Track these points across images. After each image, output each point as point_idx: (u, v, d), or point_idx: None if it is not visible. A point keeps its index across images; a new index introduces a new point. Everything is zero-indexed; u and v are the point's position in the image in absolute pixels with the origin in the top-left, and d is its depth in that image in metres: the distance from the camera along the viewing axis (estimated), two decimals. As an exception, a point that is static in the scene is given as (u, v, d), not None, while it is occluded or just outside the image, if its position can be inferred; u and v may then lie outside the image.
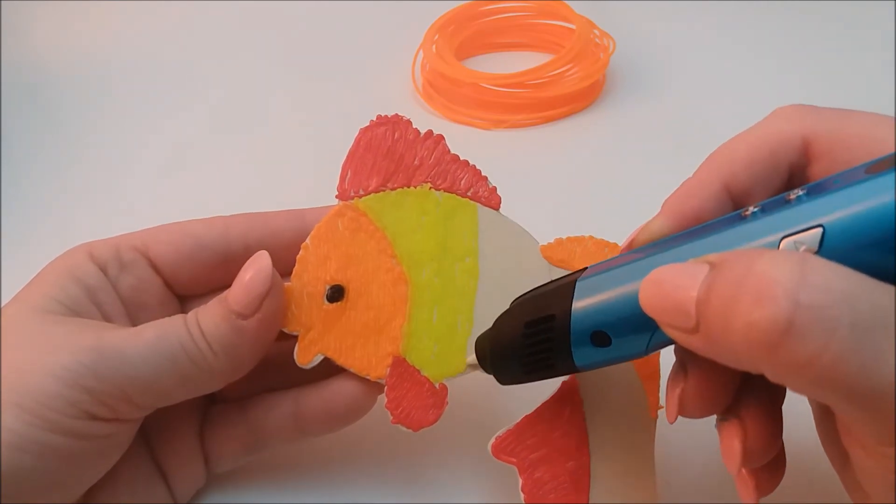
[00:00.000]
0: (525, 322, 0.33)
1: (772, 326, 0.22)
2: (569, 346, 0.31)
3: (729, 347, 0.24)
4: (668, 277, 0.26)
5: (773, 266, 0.23)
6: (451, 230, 0.38)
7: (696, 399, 0.30)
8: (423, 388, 0.37)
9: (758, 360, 0.23)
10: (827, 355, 0.22)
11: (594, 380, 0.38)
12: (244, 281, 0.35)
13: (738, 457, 0.29)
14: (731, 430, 0.30)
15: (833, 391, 0.23)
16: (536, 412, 0.37)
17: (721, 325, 0.24)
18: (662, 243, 0.30)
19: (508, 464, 0.36)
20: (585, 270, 0.31)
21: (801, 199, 0.26)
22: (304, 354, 0.37)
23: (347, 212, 0.37)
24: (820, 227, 0.25)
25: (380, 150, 0.38)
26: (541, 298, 0.33)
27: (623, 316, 0.29)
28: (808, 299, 0.22)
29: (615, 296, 0.29)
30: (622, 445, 0.37)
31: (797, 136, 0.31)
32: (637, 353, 0.30)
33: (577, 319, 0.30)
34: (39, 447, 0.32)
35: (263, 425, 0.39)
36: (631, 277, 0.29)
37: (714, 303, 0.24)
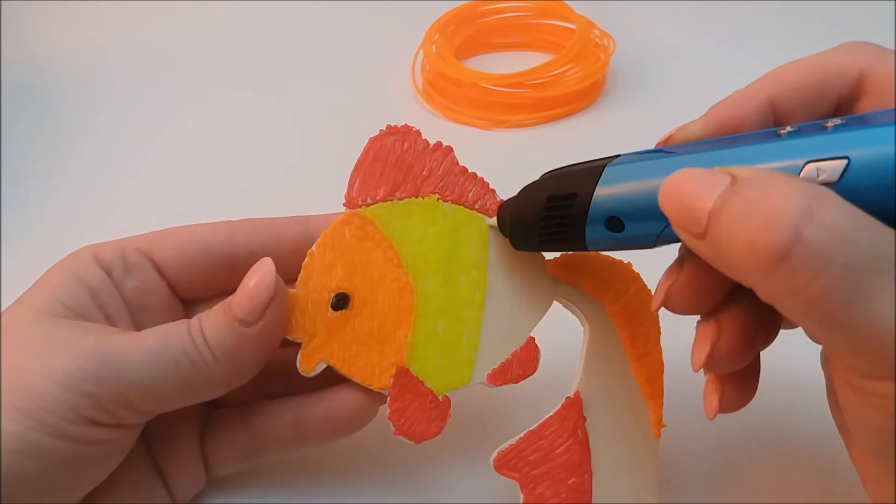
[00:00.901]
0: (549, 196, 0.34)
1: (770, 251, 0.23)
2: (584, 226, 0.32)
3: (729, 259, 0.25)
4: (689, 181, 0.27)
5: (786, 194, 0.24)
6: (458, 242, 0.38)
7: (684, 292, 0.31)
8: (425, 400, 0.37)
9: (752, 278, 0.25)
10: (815, 287, 0.23)
11: (598, 396, 0.37)
12: (248, 287, 0.34)
13: (703, 356, 0.31)
14: (706, 330, 0.31)
15: (819, 320, 0.24)
16: (539, 427, 0.37)
17: (726, 238, 0.25)
18: (695, 145, 0.31)
19: (510, 479, 0.36)
20: (617, 157, 0.32)
21: (837, 128, 0.27)
22: (307, 362, 0.36)
23: (354, 220, 0.37)
24: (845, 159, 0.25)
25: (389, 160, 0.38)
26: (568, 176, 0.33)
27: (640, 207, 0.30)
28: (810, 233, 0.23)
29: (637, 188, 0.30)
30: (624, 463, 0.37)
31: (853, 69, 0.32)
32: (646, 242, 0.31)
33: (597, 203, 0.31)
34: (39, 451, 0.31)
35: (264, 432, 0.39)
36: (656, 172, 0.29)
37: (725, 217, 0.25)
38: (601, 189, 0.31)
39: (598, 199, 0.31)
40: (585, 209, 0.32)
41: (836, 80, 0.32)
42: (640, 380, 0.38)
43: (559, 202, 0.33)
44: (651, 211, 0.29)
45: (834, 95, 0.32)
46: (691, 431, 0.37)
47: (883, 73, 0.31)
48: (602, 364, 0.38)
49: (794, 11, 0.83)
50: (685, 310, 0.32)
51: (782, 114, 0.33)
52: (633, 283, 0.39)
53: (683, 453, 0.42)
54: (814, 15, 0.82)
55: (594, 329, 0.38)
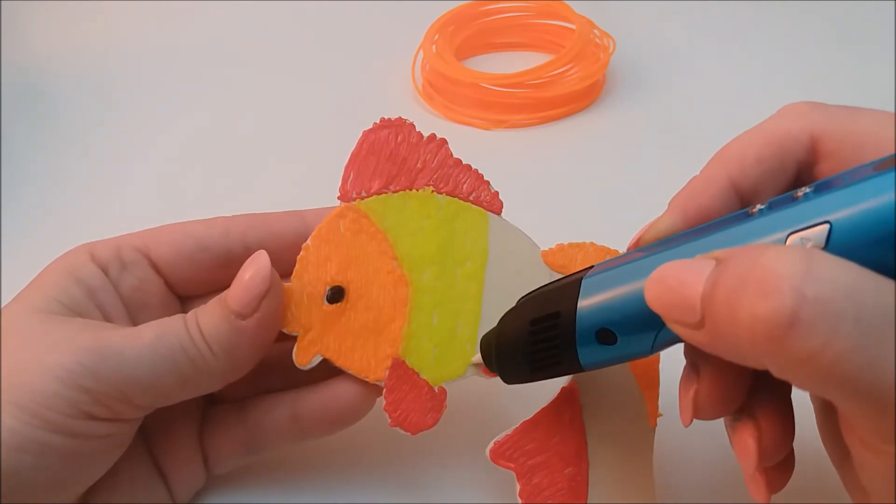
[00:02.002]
0: (531, 319, 0.32)
1: (776, 319, 0.22)
2: (574, 344, 0.31)
3: (734, 342, 0.24)
4: (673, 273, 0.26)
5: (778, 259, 0.23)
6: (453, 234, 0.38)
7: (710, 400, 0.30)
8: (421, 391, 0.37)
9: (762, 355, 0.23)
10: (831, 350, 0.22)
11: (594, 386, 0.37)
12: (243, 281, 0.34)
13: (754, 456, 0.29)
14: (746, 429, 0.30)
15: (836, 386, 0.22)
16: (535, 417, 0.37)
17: (726, 318, 0.24)
18: (669, 241, 0.30)
19: (506, 469, 0.36)
20: (591, 269, 0.31)
21: (808, 196, 0.26)
22: (303, 355, 0.37)
23: (349, 213, 0.37)
24: (827, 224, 0.25)
25: (383, 153, 0.38)
26: (546, 296, 0.33)
27: (628, 313, 0.29)
28: (814, 293, 0.22)
29: (621, 293, 0.29)
30: (621, 453, 0.37)
31: (805, 134, 0.31)
32: (642, 352, 0.30)
33: (582, 317, 0.30)
34: (38, 447, 0.32)
35: (262, 426, 0.39)
36: (637, 274, 0.28)
37: (719, 297, 0.24)
38: (584, 301, 0.30)
39: (584, 313, 0.30)
40: (572, 326, 0.30)
41: (791, 149, 0.31)
42: (636, 370, 0.38)
43: (543, 324, 0.32)
44: (641, 314, 0.28)
45: (792, 164, 0.32)
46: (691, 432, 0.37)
47: (833, 134, 0.31)
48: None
49: (794, 11, 0.83)
50: (716, 415, 0.30)
51: (746, 193, 0.32)
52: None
53: (683, 454, 0.42)
54: (814, 15, 0.82)
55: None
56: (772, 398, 0.30)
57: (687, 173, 0.34)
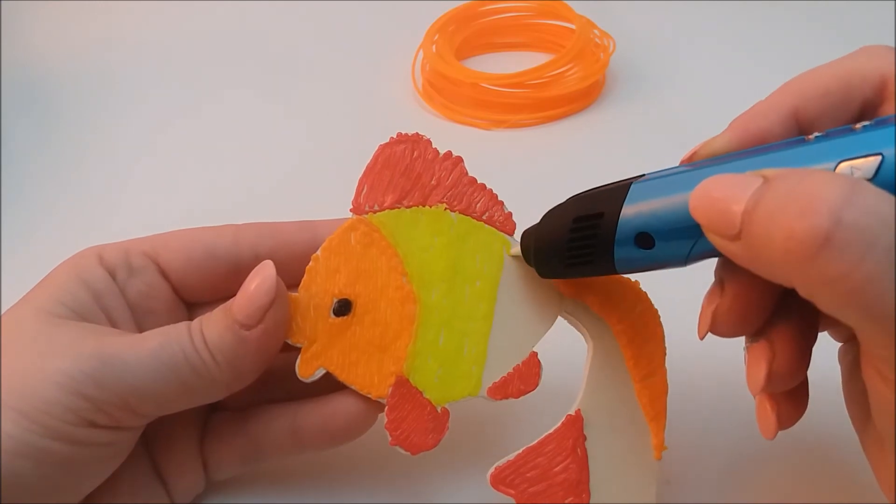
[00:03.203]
0: (574, 217, 0.33)
1: (810, 238, 0.23)
2: (612, 245, 0.31)
3: (767, 256, 0.25)
4: (720, 185, 0.26)
5: (823, 183, 0.23)
6: (464, 252, 0.38)
7: (730, 314, 0.31)
8: (424, 411, 0.37)
9: (792, 272, 0.24)
10: (858, 273, 0.22)
11: (600, 416, 0.37)
12: (248, 291, 0.34)
13: (762, 378, 0.30)
14: (759, 350, 0.31)
15: (859, 310, 0.23)
16: (538, 444, 0.36)
17: (763, 233, 0.25)
18: (722, 158, 0.31)
19: (507, 495, 0.36)
20: (643, 176, 0.32)
21: (866, 129, 0.26)
22: (306, 368, 0.36)
23: (361, 226, 0.37)
24: (878, 155, 0.25)
25: (398, 168, 0.37)
26: (593, 197, 0.33)
27: (670, 220, 0.29)
28: (850, 218, 0.22)
29: (666, 201, 0.30)
30: (623, 485, 0.37)
31: (876, 74, 0.31)
32: (677, 260, 0.30)
33: (625, 219, 0.31)
34: (38, 453, 0.31)
35: (262, 437, 0.38)
36: (684, 185, 0.29)
37: (760, 212, 0.25)
38: (629, 207, 0.31)
39: (626, 217, 0.31)
40: (613, 228, 0.31)
41: (859, 86, 0.32)
42: (642, 401, 0.38)
43: (585, 223, 0.32)
44: (682, 223, 0.29)
45: (858, 101, 0.32)
46: (691, 432, 0.37)
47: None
48: (605, 383, 0.38)
49: (793, 12, 0.83)
50: (733, 332, 0.31)
51: (806, 123, 0.32)
52: (640, 302, 0.38)
53: (683, 453, 0.41)
54: (814, 15, 0.82)
55: (598, 347, 0.38)
56: (791, 325, 0.31)
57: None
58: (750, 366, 0.31)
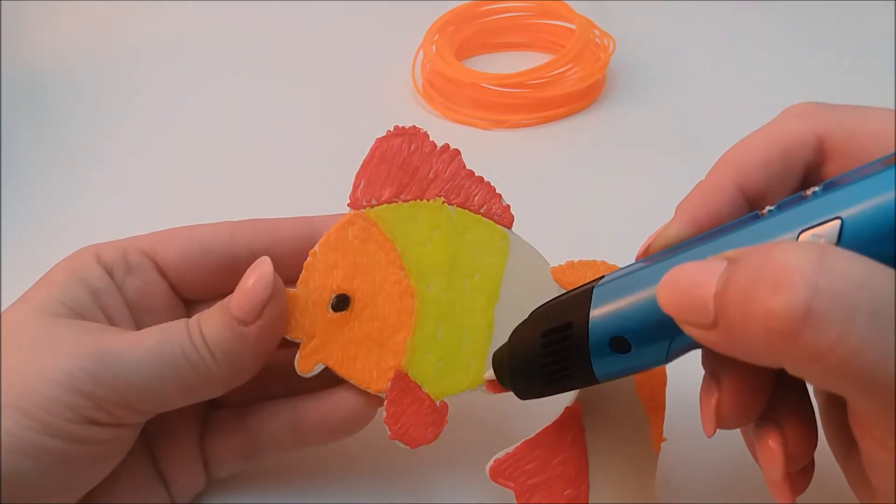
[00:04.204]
0: (543, 332, 0.32)
1: (790, 313, 0.22)
2: (588, 355, 0.30)
3: (748, 340, 0.24)
4: (685, 274, 0.26)
5: (790, 253, 0.23)
6: (463, 246, 0.38)
7: (733, 408, 0.29)
8: (423, 405, 0.37)
9: (777, 351, 0.23)
10: (846, 344, 0.21)
11: (598, 408, 0.37)
12: (246, 287, 0.34)
13: (781, 463, 0.29)
14: (771, 436, 0.29)
15: (851, 382, 0.22)
16: (537, 437, 0.36)
17: (739, 316, 0.23)
18: (678, 248, 0.30)
19: (506, 488, 0.36)
20: (602, 278, 0.31)
21: (817, 195, 0.26)
22: (305, 363, 0.36)
23: (358, 221, 0.37)
24: (838, 220, 0.24)
25: (395, 161, 0.37)
26: (558, 307, 0.32)
27: (641, 320, 0.28)
28: (827, 285, 0.21)
29: (633, 300, 0.29)
30: (622, 477, 0.37)
31: (811, 135, 0.31)
32: (657, 361, 0.29)
33: (595, 326, 0.30)
34: (38, 451, 0.31)
35: (262, 433, 0.39)
36: (648, 280, 0.28)
37: (732, 294, 0.24)
38: (596, 311, 0.30)
39: (596, 321, 0.30)
40: (585, 335, 0.30)
41: (798, 152, 0.31)
42: (641, 393, 0.37)
43: (556, 335, 0.31)
44: (654, 320, 0.28)
45: (799, 166, 0.31)
46: (691, 431, 0.37)
47: (839, 134, 0.31)
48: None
49: (793, 12, 0.82)
50: (740, 424, 0.30)
51: (754, 197, 0.31)
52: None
53: (683, 453, 0.41)
54: (814, 15, 0.82)
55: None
56: (794, 402, 0.30)
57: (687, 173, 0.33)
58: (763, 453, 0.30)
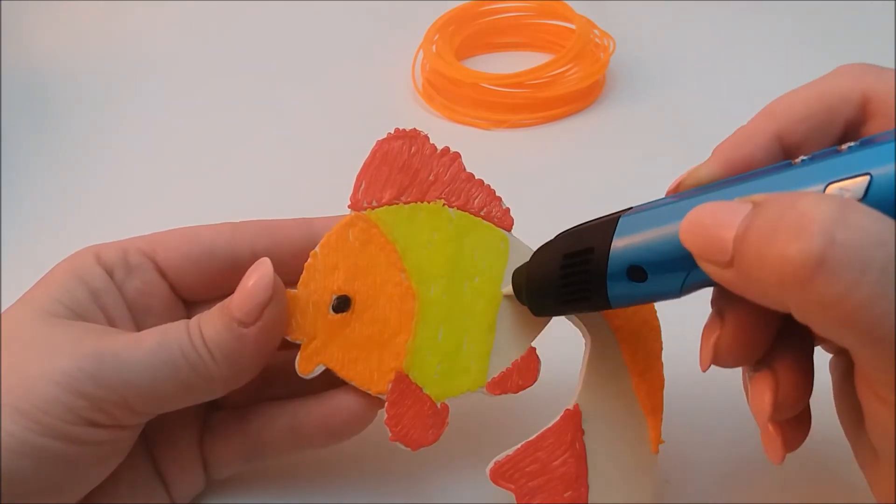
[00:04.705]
0: (564, 254, 0.33)
1: (804, 260, 0.22)
2: (605, 280, 0.31)
3: (761, 282, 0.24)
4: (709, 212, 0.26)
5: (814, 204, 0.23)
6: (463, 248, 0.38)
7: (731, 346, 0.30)
8: (424, 407, 0.37)
9: (787, 296, 0.24)
10: (855, 295, 0.22)
11: (597, 410, 0.37)
12: (246, 288, 0.34)
13: (768, 409, 0.30)
14: (763, 381, 0.30)
15: (856, 333, 0.23)
16: (537, 439, 0.37)
17: (756, 258, 0.24)
18: (708, 188, 0.30)
19: (506, 490, 0.36)
20: (629, 209, 0.31)
21: (852, 149, 0.26)
22: (306, 364, 0.36)
23: (359, 222, 0.37)
24: (867, 176, 0.25)
25: (395, 164, 0.37)
26: (582, 232, 0.33)
27: (662, 251, 0.29)
28: (844, 238, 0.22)
29: (656, 232, 0.29)
30: (622, 479, 0.37)
31: (857, 92, 0.31)
32: (671, 292, 0.30)
33: (615, 253, 0.30)
34: (38, 452, 0.31)
35: (262, 435, 0.38)
36: (674, 216, 0.29)
37: (752, 237, 0.24)
38: (618, 240, 0.30)
39: (617, 250, 0.30)
40: (604, 262, 0.31)
41: (840, 107, 0.32)
42: (640, 395, 0.38)
43: (576, 258, 0.32)
44: (673, 253, 0.28)
45: (840, 122, 0.32)
46: (691, 431, 0.37)
47: (885, 94, 0.31)
48: (603, 377, 0.38)
49: (793, 12, 0.83)
50: (736, 363, 0.31)
51: (790, 147, 0.32)
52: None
53: (683, 452, 0.42)
54: (813, 15, 0.82)
55: (596, 342, 0.38)
56: (792, 353, 0.30)
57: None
58: (754, 396, 0.31)
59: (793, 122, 0.32)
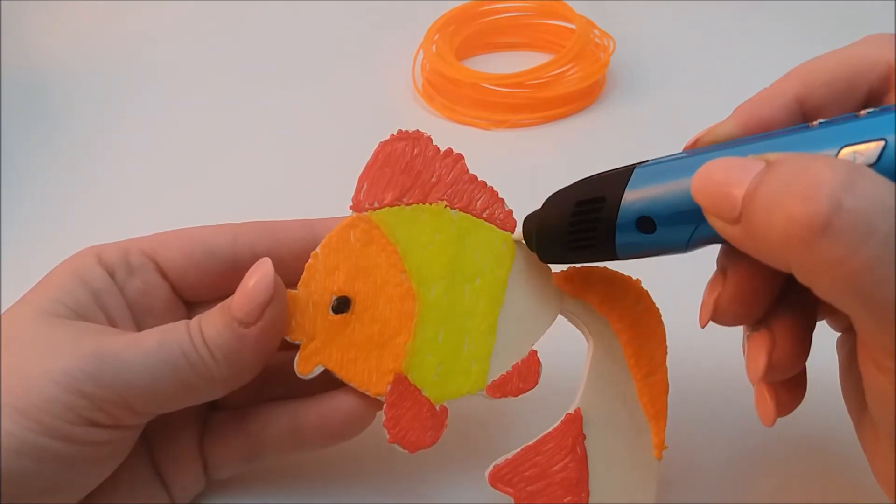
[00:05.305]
0: (577, 201, 0.33)
1: (810, 223, 0.23)
2: (613, 229, 0.31)
3: (766, 240, 0.25)
4: (722, 167, 0.26)
5: (824, 168, 0.23)
6: (464, 250, 0.38)
7: (732, 303, 0.31)
8: (422, 409, 0.37)
9: (791, 256, 0.24)
10: (857, 259, 0.23)
11: (599, 415, 0.37)
12: (246, 288, 0.34)
13: (762, 367, 0.30)
14: (760, 340, 0.31)
15: (855, 297, 0.23)
16: (537, 443, 0.36)
17: (763, 217, 0.25)
18: (724, 145, 0.31)
19: (505, 494, 0.36)
20: (645, 161, 0.32)
21: (871, 115, 0.26)
22: (305, 365, 0.36)
23: (360, 223, 0.37)
24: (881, 141, 0.25)
25: (398, 165, 0.37)
26: (596, 181, 0.33)
27: (672, 203, 0.29)
28: (851, 204, 0.23)
29: (669, 185, 0.30)
30: (623, 484, 0.37)
31: (882, 61, 0.31)
32: (678, 245, 0.30)
33: (627, 203, 0.31)
34: (37, 452, 0.31)
35: (261, 436, 0.38)
36: (687, 170, 0.29)
37: (761, 195, 0.25)
38: (631, 192, 0.31)
39: (628, 202, 0.31)
40: (615, 211, 0.31)
41: (865, 74, 0.31)
42: (643, 399, 0.37)
43: (588, 206, 0.32)
44: (683, 207, 0.29)
45: (863, 90, 0.32)
46: (692, 431, 0.37)
47: None
48: (605, 381, 0.37)
49: (793, 11, 0.83)
50: (734, 320, 0.31)
51: (811, 111, 0.32)
52: (641, 301, 0.38)
53: (684, 454, 0.41)
54: (813, 14, 0.82)
55: (599, 345, 0.38)
56: (792, 315, 0.31)
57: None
58: (750, 355, 0.31)
59: (815, 86, 0.32)
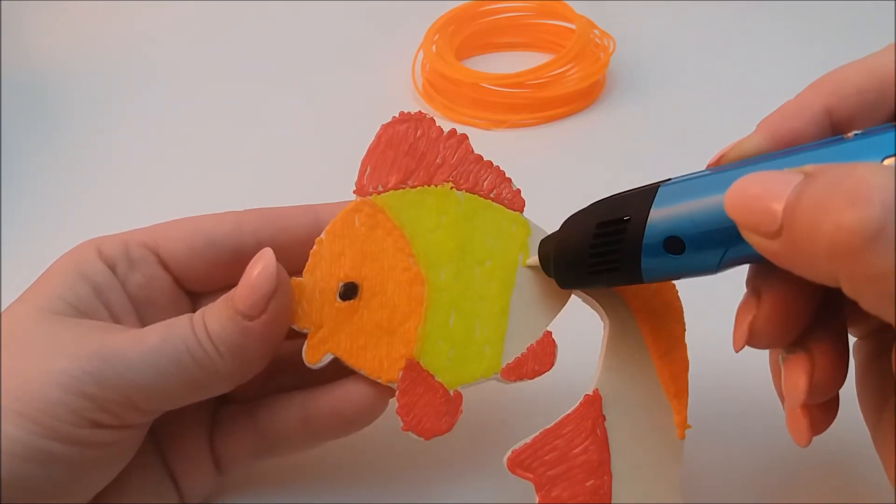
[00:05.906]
0: (598, 222, 0.32)
1: (860, 229, 0.21)
2: (639, 252, 0.30)
3: (810, 253, 0.23)
4: (758, 181, 0.25)
5: (872, 173, 0.22)
6: (473, 231, 0.37)
7: (768, 326, 0.29)
8: (436, 395, 0.36)
9: (838, 267, 0.23)
10: None
11: (619, 395, 0.36)
12: (249, 280, 0.33)
13: (802, 392, 0.29)
14: (798, 363, 0.29)
15: None
16: (556, 426, 0.35)
17: (807, 227, 0.23)
18: (753, 160, 0.29)
19: (525, 479, 0.35)
20: (669, 179, 0.30)
21: None
22: (313, 353, 0.35)
23: (365, 208, 0.36)
24: None
25: (401, 147, 0.37)
26: (618, 201, 0.31)
27: (702, 222, 0.28)
28: None
29: (698, 202, 0.28)
30: (646, 466, 0.36)
31: None
32: (708, 266, 0.29)
33: (653, 223, 0.29)
34: (42, 455, 0.31)
35: (272, 428, 0.38)
36: (717, 186, 0.27)
37: (804, 204, 0.23)
38: (657, 211, 0.29)
39: (655, 221, 0.29)
40: (641, 232, 0.30)
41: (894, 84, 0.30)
42: (663, 378, 0.36)
43: (610, 227, 0.31)
44: (715, 225, 0.27)
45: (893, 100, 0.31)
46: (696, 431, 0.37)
47: None
48: (623, 361, 0.36)
49: (793, 11, 0.82)
50: (771, 343, 0.30)
51: (840, 123, 0.31)
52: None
53: (692, 452, 0.41)
54: (813, 14, 0.82)
55: (615, 324, 0.37)
56: (829, 335, 0.30)
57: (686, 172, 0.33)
58: (788, 379, 0.30)
59: (844, 96, 0.31)
